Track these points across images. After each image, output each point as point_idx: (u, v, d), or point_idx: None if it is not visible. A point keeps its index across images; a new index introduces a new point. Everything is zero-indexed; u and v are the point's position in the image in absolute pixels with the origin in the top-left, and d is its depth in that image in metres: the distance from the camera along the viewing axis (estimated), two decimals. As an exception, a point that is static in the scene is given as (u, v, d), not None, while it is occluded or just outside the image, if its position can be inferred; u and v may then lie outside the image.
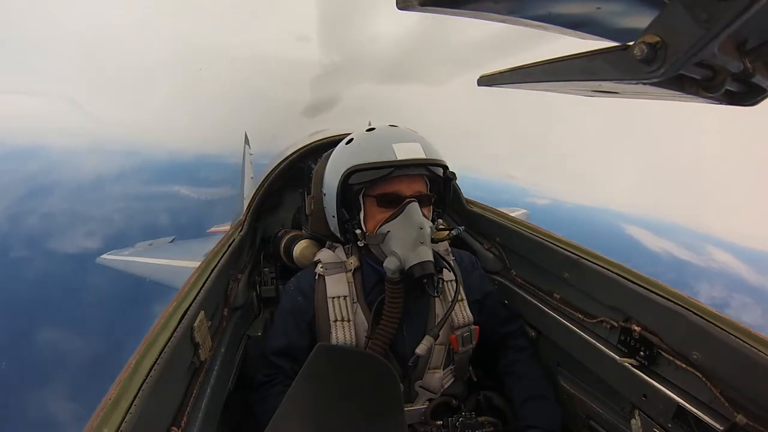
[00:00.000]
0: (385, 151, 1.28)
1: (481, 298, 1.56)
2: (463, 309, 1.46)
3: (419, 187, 1.35)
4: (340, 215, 1.38)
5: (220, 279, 1.39)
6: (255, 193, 2.13)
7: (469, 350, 1.47)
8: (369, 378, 0.99)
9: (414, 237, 1.25)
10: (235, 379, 1.46)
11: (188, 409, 1.02)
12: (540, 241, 1.62)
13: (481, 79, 0.66)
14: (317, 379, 0.97)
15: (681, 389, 1.11)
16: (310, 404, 0.92)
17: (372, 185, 1.33)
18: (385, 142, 1.31)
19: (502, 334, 1.60)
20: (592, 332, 1.41)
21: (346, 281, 1.43)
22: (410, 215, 1.27)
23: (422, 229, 1.26)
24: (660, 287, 1.20)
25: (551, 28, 0.57)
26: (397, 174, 1.29)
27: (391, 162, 1.26)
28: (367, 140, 1.36)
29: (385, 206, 1.32)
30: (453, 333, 1.42)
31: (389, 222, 1.30)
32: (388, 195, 1.32)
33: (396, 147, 1.28)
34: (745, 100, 0.50)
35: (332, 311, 1.38)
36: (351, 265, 1.45)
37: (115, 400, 0.75)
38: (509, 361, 1.56)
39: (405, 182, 1.32)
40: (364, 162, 1.29)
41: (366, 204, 1.37)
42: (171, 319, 1.02)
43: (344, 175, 1.31)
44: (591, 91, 0.57)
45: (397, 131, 1.37)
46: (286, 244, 1.88)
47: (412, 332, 1.38)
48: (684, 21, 0.36)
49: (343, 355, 1.16)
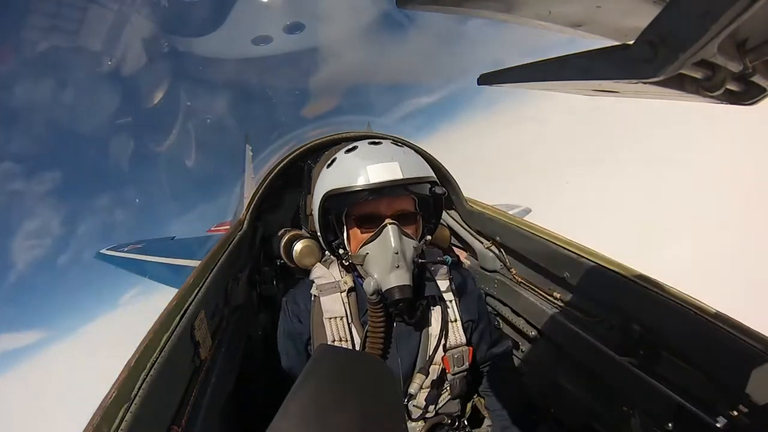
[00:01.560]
0: (358, 174, 1.25)
1: (475, 320, 1.55)
2: (456, 330, 1.45)
3: (402, 206, 1.32)
4: (324, 237, 1.40)
5: (220, 278, 1.39)
6: (255, 193, 2.13)
7: (463, 370, 1.47)
8: (370, 380, 0.99)
9: (390, 261, 1.23)
10: (236, 378, 1.46)
11: (189, 408, 1.02)
12: (540, 240, 1.62)
13: (482, 78, 0.66)
14: (318, 379, 0.98)
15: (681, 388, 1.11)
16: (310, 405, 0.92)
17: (351, 206, 1.32)
18: (360, 164, 1.27)
19: (490, 356, 1.61)
20: (592, 331, 1.41)
21: (341, 301, 1.42)
22: (386, 239, 1.24)
23: (397, 254, 1.23)
24: (660, 286, 1.20)
25: (551, 27, 0.57)
26: (372, 197, 1.26)
27: (365, 186, 1.23)
28: (343, 162, 1.33)
29: (365, 226, 1.31)
30: (445, 354, 1.42)
31: (367, 244, 1.29)
32: (366, 215, 1.31)
33: (370, 169, 1.24)
34: (744, 100, 0.50)
35: (329, 332, 1.37)
36: (345, 285, 1.45)
37: (115, 399, 0.75)
38: (495, 381, 1.58)
39: (384, 202, 1.29)
40: (338, 186, 1.27)
41: (348, 225, 1.36)
42: (171, 318, 1.02)
43: (322, 200, 1.31)
44: (591, 90, 0.57)
45: (375, 151, 1.32)
46: (286, 244, 1.88)
47: (405, 353, 1.38)
48: (684, 20, 0.36)
49: (345, 357, 1.16)
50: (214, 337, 1.31)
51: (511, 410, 1.49)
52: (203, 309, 1.16)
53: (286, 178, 2.18)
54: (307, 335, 1.42)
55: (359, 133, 2.12)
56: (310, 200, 1.91)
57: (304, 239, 1.84)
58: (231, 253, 1.57)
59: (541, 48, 6.00)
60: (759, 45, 0.42)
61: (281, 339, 1.51)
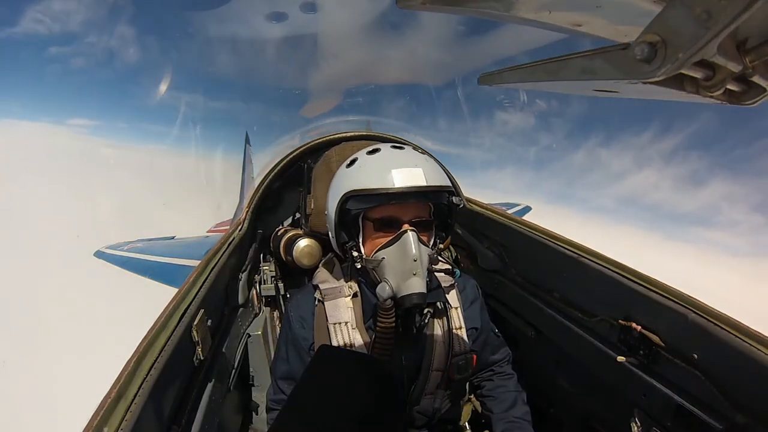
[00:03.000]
0: (383, 177, 1.23)
1: (478, 327, 1.55)
2: (461, 337, 1.45)
3: (420, 212, 1.31)
4: (338, 238, 1.36)
5: (220, 278, 1.39)
6: (255, 192, 2.13)
7: (467, 377, 1.47)
8: (370, 382, 0.99)
9: (407, 268, 1.22)
10: (235, 377, 1.46)
11: (188, 407, 1.02)
12: (539, 240, 1.62)
13: (482, 78, 0.66)
14: (319, 381, 0.98)
15: (681, 388, 1.11)
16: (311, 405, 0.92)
17: (371, 209, 1.31)
18: (385, 167, 1.26)
19: (490, 362, 1.62)
20: (592, 331, 1.41)
21: (345, 306, 1.41)
22: (405, 245, 1.23)
23: (416, 261, 1.22)
24: (660, 286, 1.20)
25: (551, 27, 0.57)
26: (395, 201, 1.26)
27: (388, 190, 1.22)
28: (367, 164, 1.31)
29: (382, 230, 1.29)
30: (450, 360, 1.42)
31: (385, 248, 1.27)
32: (385, 219, 1.29)
33: (395, 173, 1.23)
34: (745, 100, 0.50)
35: (334, 337, 1.37)
36: (350, 290, 1.44)
37: (115, 399, 0.75)
38: (494, 386, 1.59)
39: (405, 207, 1.29)
40: (362, 188, 1.25)
41: (364, 227, 1.34)
42: (171, 318, 1.02)
43: (341, 199, 1.29)
44: (591, 90, 0.57)
45: (400, 155, 1.31)
46: (285, 243, 1.88)
47: (410, 358, 1.38)
48: (684, 20, 0.36)
49: (346, 359, 1.16)
50: (214, 337, 1.31)
51: (511, 415, 1.50)
52: (203, 309, 1.16)
53: (286, 178, 2.19)
54: (311, 341, 1.41)
55: (359, 133, 2.12)
56: (311, 198, 1.91)
57: (304, 239, 1.84)
58: (231, 253, 1.57)
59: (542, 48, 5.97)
60: (759, 45, 0.42)
61: (283, 345, 1.49)
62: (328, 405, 0.92)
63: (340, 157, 1.88)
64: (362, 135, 2.12)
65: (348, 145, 1.96)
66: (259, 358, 1.72)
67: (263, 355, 1.73)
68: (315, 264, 1.78)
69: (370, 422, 0.90)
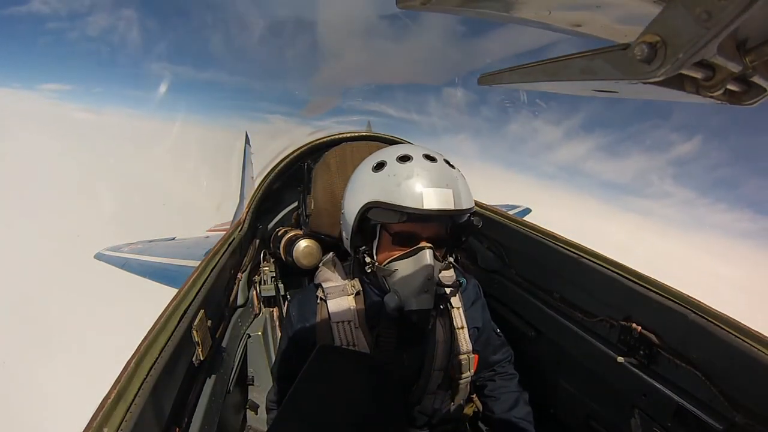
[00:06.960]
0: (413, 195, 1.17)
1: (480, 327, 1.55)
2: (463, 337, 1.45)
3: (439, 230, 1.30)
4: (353, 241, 1.34)
5: (220, 278, 1.39)
6: (255, 193, 2.13)
7: (468, 377, 1.47)
8: (370, 381, 0.99)
9: (420, 284, 1.21)
10: (235, 377, 1.46)
11: (188, 407, 1.02)
12: (539, 240, 1.62)
13: (482, 79, 0.66)
14: (318, 379, 0.98)
15: (681, 388, 1.11)
16: (311, 404, 0.92)
17: (392, 222, 1.27)
18: (416, 183, 1.19)
19: (492, 362, 1.62)
20: (592, 331, 1.41)
21: (348, 305, 1.40)
22: (421, 262, 1.22)
23: (429, 280, 1.21)
24: (660, 286, 1.20)
25: (551, 27, 0.57)
26: (419, 221, 1.23)
27: (416, 210, 1.16)
28: (397, 174, 1.22)
29: (399, 244, 1.28)
30: (451, 360, 1.42)
31: (399, 260, 1.25)
32: (404, 234, 1.27)
33: (426, 194, 1.17)
34: (744, 100, 0.50)
35: (336, 336, 1.36)
36: (353, 288, 1.43)
37: (116, 400, 0.75)
38: (496, 386, 1.59)
39: (425, 225, 1.27)
40: (389, 201, 1.19)
41: (381, 235, 1.31)
42: (171, 319, 1.02)
43: (364, 207, 1.25)
44: (591, 90, 0.57)
45: (432, 170, 1.23)
46: (285, 244, 1.88)
47: (412, 358, 1.38)
48: (684, 20, 0.36)
49: (345, 358, 1.16)
50: (214, 337, 1.31)
51: (512, 416, 1.50)
52: (203, 309, 1.16)
53: (286, 178, 2.19)
54: (313, 339, 1.40)
55: (359, 134, 2.12)
56: (311, 198, 1.91)
57: (304, 239, 1.84)
58: (231, 254, 1.57)
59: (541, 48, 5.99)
60: (759, 45, 0.42)
61: (285, 345, 1.48)
62: (327, 405, 0.91)
63: (340, 157, 1.88)
64: (362, 135, 2.12)
65: (348, 145, 1.96)
66: (258, 358, 1.72)
67: (263, 356, 1.73)
68: (315, 264, 1.78)
69: (370, 422, 0.90)
